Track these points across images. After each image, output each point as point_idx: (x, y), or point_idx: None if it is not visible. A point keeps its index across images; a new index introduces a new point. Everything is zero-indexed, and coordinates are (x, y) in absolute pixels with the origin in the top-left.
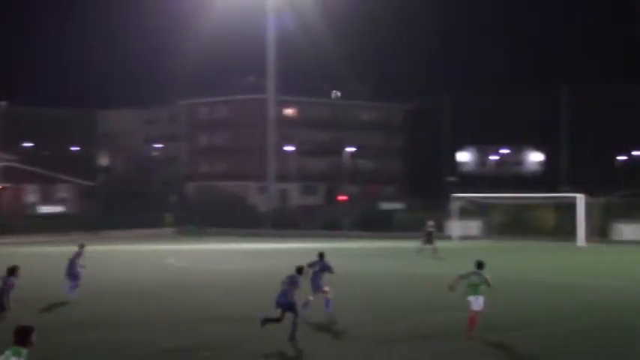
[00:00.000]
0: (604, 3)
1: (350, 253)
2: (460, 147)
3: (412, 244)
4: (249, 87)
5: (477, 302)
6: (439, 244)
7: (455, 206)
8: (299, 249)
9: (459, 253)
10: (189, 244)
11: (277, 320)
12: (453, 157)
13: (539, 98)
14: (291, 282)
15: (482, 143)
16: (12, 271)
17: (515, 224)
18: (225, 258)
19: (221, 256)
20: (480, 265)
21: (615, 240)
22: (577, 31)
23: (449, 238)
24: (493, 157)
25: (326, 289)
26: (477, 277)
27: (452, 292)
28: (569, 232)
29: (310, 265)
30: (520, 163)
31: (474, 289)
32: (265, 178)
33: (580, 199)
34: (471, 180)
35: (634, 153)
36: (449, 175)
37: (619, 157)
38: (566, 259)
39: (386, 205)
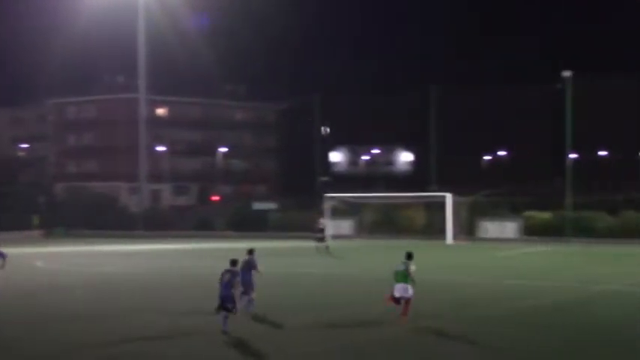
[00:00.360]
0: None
1: (225, 254)
2: (332, 147)
3: (287, 244)
4: (120, 86)
5: (406, 290)
6: (314, 244)
7: (327, 206)
8: (170, 250)
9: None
10: (58, 247)
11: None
12: (325, 157)
13: (409, 98)
14: (230, 275)
15: (354, 143)
16: None
17: (386, 223)
18: (93, 260)
19: (90, 258)
20: (409, 255)
21: (482, 237)
22: (445, 32)
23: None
24: (364, 157)
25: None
26: (404, 266)
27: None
28: (439, 231)
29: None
30: (391, 162)
31: (403, 278)
32: (137, 179)
33: (448, 198)
34: (343, 180)
35: (499, 153)
36: (321, 174)
37: (485, 157)
38: (434, 257)
39: (259, 205)
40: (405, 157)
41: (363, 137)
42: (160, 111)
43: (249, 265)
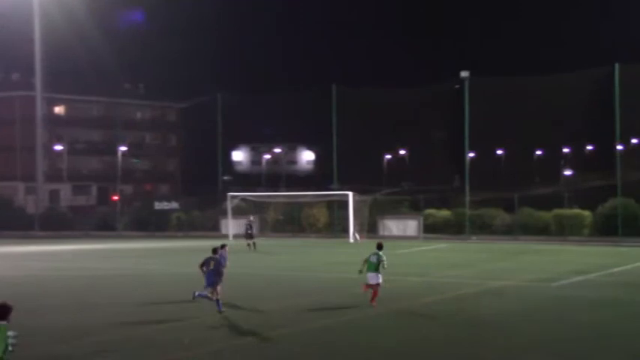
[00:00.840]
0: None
1: (129, 253)
2: (235, 145)
3: (192, 243)
4: (15, 84)
5: (377, 278)
6: (217, 242)
7: (230, 205)
8: (68, 251)
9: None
10: None
11: (210, 298)
12: (228, 155)
13: (312, 96)
14: (215, 262)
15: (257, 142)
16: None
17: (289, 222)
18: None
19: None
20: (379, 246)
21: (383, 235)
22: (350, 29)
23: (224, 236)
24: (267, 156)
25: (218, 288)
26: (376, 257)
27: (360, 275)
28: (341, 229)
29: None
30: (294, 161)
31: (374, 268)
32: (34, 179)
33: (350, 196)
34: (245, 178)
35: (400, 152)
36: (224, 173)
37: (387, 156)
38: (337, 255)
39: (161, 205)
40: (308, 156)
41: (266, 136)
42: (59, 109)
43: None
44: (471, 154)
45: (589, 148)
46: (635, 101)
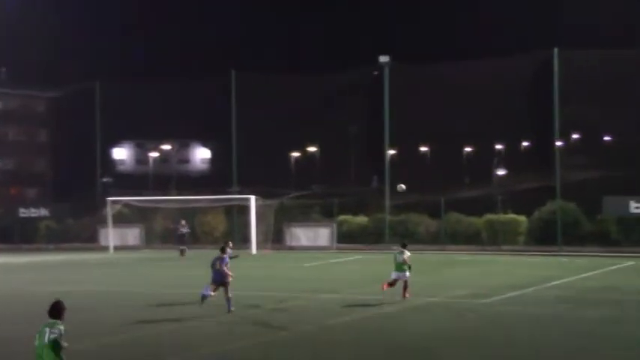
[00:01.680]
0: None
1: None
2: (117, 142)
3: (64, 257)
4: None
5: (404, 275)
6: (95, 255)
7: (110, 211)
8: None
9: (112, 264)
10: None
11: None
12: (108, 153)
13: (208, 86)
14: (221, 261)
15: (142, 138)
16: None
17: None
18: None
19: None
20: (404, 245)
21: (291, 245)
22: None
23: (104, 248)
24: (154, 154)
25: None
26: (401, 256)
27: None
28: (242, 238)
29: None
30: (186, 160)
31: (400, 267)
32: None
33: (252, 201)
34: (129, 180)
35: (311, 149)
36: (103, 175)
37: (295, 154)
38: (237, 269)
39: (27, 212)
40: (202, 154)
41: (153, 131)
42: None
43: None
44: (392, 152)
45: (525, 144)
46: (576, 91)
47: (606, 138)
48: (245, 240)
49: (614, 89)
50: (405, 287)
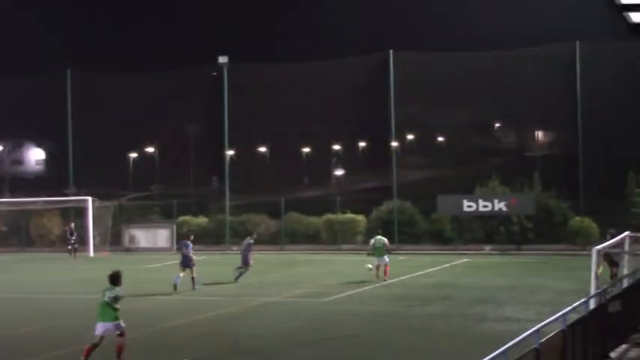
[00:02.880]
0: None
1: None
2: None
3: None
4: None
5: (383, 260)
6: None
7: None
8: None
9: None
10: None
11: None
12: None
13: (42, 84)
14: (187, 246)
15: None
16: None
17: (15, 234)
18: None
19: None
20: (379, 232)
21: (130, 248)
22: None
23: None
24: None
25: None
26: (381, 241)
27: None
28: (79, 241)
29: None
30: (19, 161)
31: (380, 253)
32: None
33: (89, 202)
34: None
35: (149, 149)
36: None
37: (133, 154)
38: (73, 272)
39: None
40: (37, 155)
41: None
42: None
43: (249, 247)
44: (231, 152)
45: (362, 145)
46: (411, 92)
47: (440, 138)
48: (82, 242)
49: (447, 90)
50: (386, 270)
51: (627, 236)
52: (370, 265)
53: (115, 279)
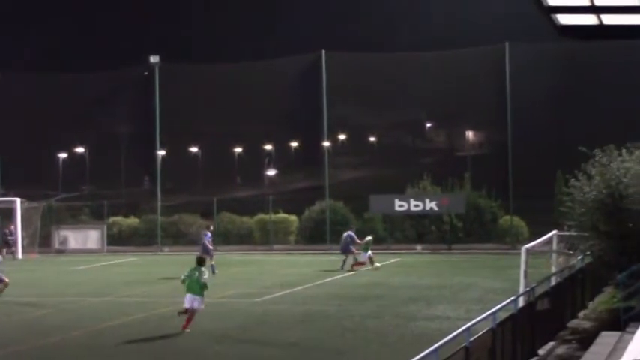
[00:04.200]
0: None
1: None
2: None
3: None
4: None
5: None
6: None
7: None
8: None
9: None
10: None
11: None
12: None
13: None
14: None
15: None
16: None
17: None
18: None
19: None
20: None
21: (60, 249)
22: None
23: None
24: None
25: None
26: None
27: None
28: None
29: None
30: None
31: (366, 248)
32: None
33: (18, 203)
34: None
35: (79, 149)
36: None
37: (63, 154)
38: None
39: None
40: None
41: None
42: None
43: (351, 239)
44: (163, 152)
45: (294, 145)
46: (343, 92)
47: (372, 139)
48: (9, 244)
49: (379, 91)
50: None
51: (555, 235)
52: (378, 264)
53: (201, 260)
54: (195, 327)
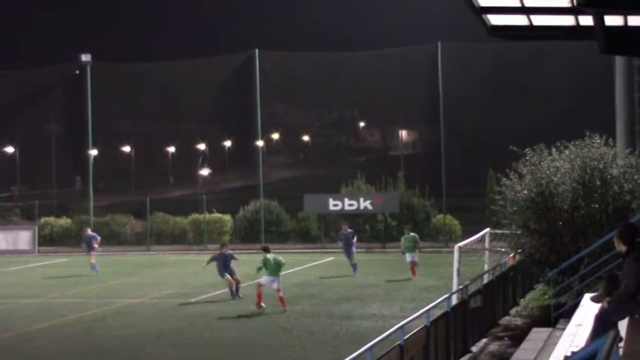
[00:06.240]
0: None
1: None
2: None
3: None
4: None
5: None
6: None
7: None
8: None
9: None
10: None
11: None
12: None
13: None
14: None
15: None
16: None
17: None
18: None
19: None
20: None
21: None
22: None
23: None
24: None
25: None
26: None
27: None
28: None
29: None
30: None
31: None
32: None
33: None
34: None
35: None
36: None
37: None
38: None
39: None
40: None
41: None
42: None
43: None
44: (95, 152)
45: (228, 144)
46: (276, 90)
47: (305, 138)
48: None
49: (313, 90)
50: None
51: (487, 233)
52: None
53: (267, 248)
54: (128, 328)
